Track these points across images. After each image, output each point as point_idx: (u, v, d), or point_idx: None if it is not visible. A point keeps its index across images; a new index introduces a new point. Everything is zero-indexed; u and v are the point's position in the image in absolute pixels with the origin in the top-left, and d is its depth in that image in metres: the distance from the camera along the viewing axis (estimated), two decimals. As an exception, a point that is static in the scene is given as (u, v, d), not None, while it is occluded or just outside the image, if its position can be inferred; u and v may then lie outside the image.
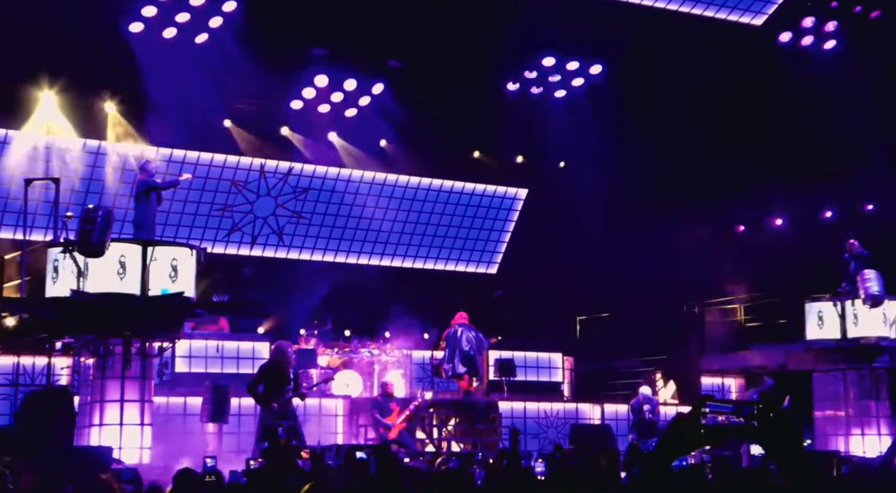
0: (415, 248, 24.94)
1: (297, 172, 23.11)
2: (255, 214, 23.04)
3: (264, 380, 15.10)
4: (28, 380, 16.92)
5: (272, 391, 14.98)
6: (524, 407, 19.83)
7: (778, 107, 21.45)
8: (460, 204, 24.98)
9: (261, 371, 15.41)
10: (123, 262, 14.52)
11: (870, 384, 19.32)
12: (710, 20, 22.25)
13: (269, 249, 23.53)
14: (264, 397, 14.96)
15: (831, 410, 19.53)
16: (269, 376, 15.12)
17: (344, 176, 23.63)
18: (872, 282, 18.40)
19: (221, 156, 22.16)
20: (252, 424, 16.17)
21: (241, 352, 18.56)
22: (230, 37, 19.77)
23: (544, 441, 19.26)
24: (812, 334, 19.52)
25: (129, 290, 14.54)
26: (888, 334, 19.06)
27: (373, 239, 24.37)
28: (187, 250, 15.19)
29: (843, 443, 18.87)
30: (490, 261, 25.77)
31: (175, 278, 14.76)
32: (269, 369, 15.26)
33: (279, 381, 15.06)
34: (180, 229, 21.96)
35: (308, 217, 23.62)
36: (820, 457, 15.28)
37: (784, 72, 21.66)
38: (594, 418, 20.21)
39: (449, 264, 25.38)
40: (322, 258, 23.88)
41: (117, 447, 14.17)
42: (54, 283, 14.53)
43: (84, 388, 15.31)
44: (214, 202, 22.50)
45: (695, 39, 21.45)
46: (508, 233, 25.61)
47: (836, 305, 19.21)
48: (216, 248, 21.80)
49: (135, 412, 14.86)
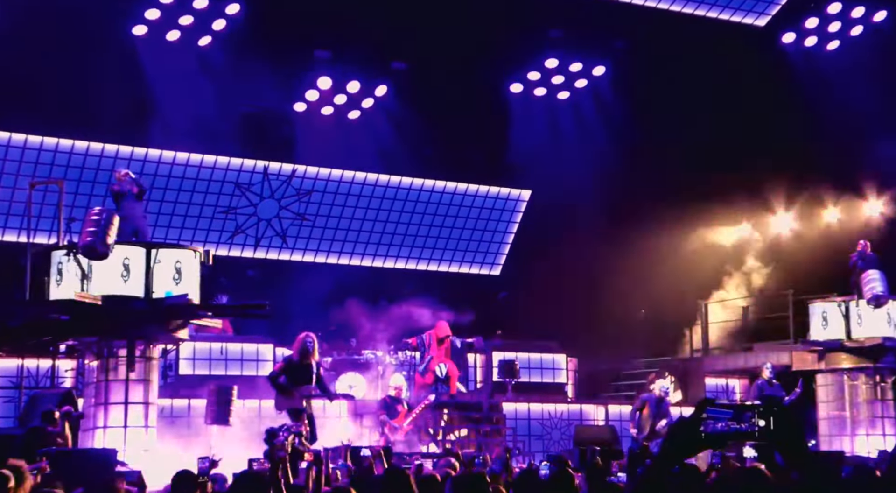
0: (418, 249, 24.95)
1: (300, 174, 23.13)
2: (258, 216, 23.06)
3: (286, 372, 14.88)
4: (32, 382, 16.94)
5: (293, 385, 14.80)
6: (528, 408, 19.83)
7: (781, 106, 21.44)
8: (463, 205, 24.98)
9: (283, 363, 15.20)
10: (127, 264, 14.54)
11: (874, 385, 19.31)
12: (713, 21, 22.26)
13: (273, 251, 23.56)
14: (286, 388, 14.75)
15: (835, 410, 19.52)
16: (291, 368, 14.91)
17: (347, 178, 23.65)
18: (876, 282, 18.39)
19: (225, 158, 22.19)
20: (256, 426, 16.15)
21: (244, 354, 18.58)
22: (233, 39, 19.80)
23: (548, 443, 19.27)
24: (816, 335, 19.51)
25: (132, 292, 14.56)
26: (892, 334, 19.04)
27: (376, 241, 24.39)
28: (191, 253, 15.20)
29: (848, 443, 18.85)
30: (493, 262, 25.77)
31: (179, 281, 14.77)
32: (290, 362, 15.04)
33: (301, 375, 14.87)
34: (184, 232, 21.99)
35: (312, 219, 23.65)
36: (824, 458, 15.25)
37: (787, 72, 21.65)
38: (598, 419, 20.20)
39: (452, 266, 25.39)
40: (326, 260, 23.90)
41: (121, 449, 14.19)
42: (58, 285, 14.55)
43: (88, 390, 15.32)
44: (218, 205, 22.52)
45: (698, 41, 21.46)
46: (511, 234, 25.61)
47: (841, 305, 19.20)
48: (220, 250, 21.81)
49: (139, 414, 14.87)
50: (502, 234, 25.58)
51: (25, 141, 20.33)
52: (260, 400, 17.08)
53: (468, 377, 21.42)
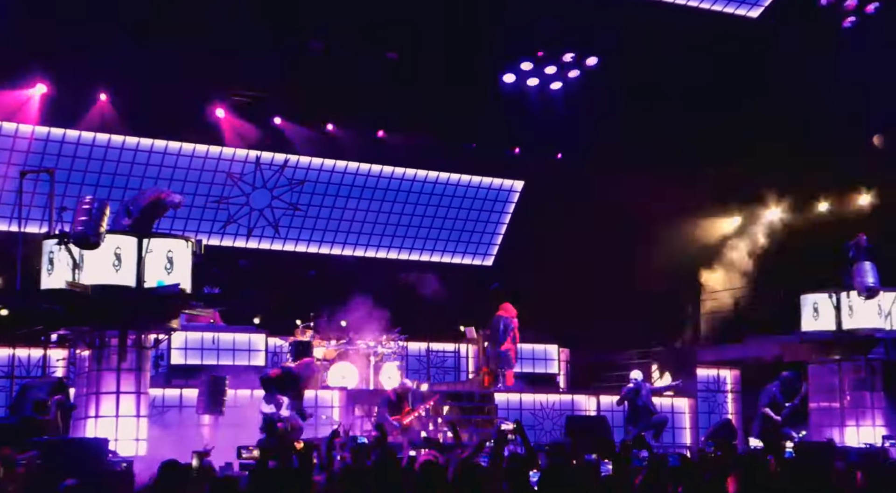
0: (410, 240, 24.94)
1: (292, 164, 23.09)
2: (250, 206, 23.02)
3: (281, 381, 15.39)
4: (24, 372, 16.93)
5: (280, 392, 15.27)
6: (520, 398, 19.86)
7: (774, 98, 21.44)
8: (456, 196, 24.96)
9: (283, 372, 15.62)
10: (119, 254, 14.50)
11: (865, 376, 19.36)
12: (705, 12, 22.24)
13: (266, 241, 23.53)
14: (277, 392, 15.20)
15: (826, 401, 19.56)
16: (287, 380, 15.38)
17: (340, 168, 23.61)
18: (867, 274, 18.44)
19: (217, 148, 22.13)
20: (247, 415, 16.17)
21: (236, 344, 18.58)
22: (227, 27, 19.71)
23: (540, 433, 19.30)
24: (808, 326, 19.54)
25: (124, 282, 14.53)
26: (883, 325, 19.10)
27: (368, 231, 24.37)
28: (183, 242, 15.17)
29: (839, 434, 18.90)
30: (486, 253, 25.78)
31: (171, 270, 14.75)
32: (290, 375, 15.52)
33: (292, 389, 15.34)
34: (175, 222, 21.90)
35: (304, 209, 23.61)
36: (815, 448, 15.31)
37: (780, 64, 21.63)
38: (590, 409, 20.23)
39: (445, 256, 25.38)
40: (318, 250, 23.87)
41: (113, 438, 14.18)
42: (49, 275, 14.51)
43: (80, 380, 15.30)
44: (210, 195, 22.48)
45: (690, 31, 21.44)
46: (504, 225, 25.61)
47: (832, 296, 19.24)
48: (212, 240, 21.78)
49: (130, 403, 14.85)
50: (495, 224, 25.57)
51: (16, 130, 20.27)
52: (252, 390, 17.10)
53: (460, 368, 21.47)
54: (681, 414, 21.03)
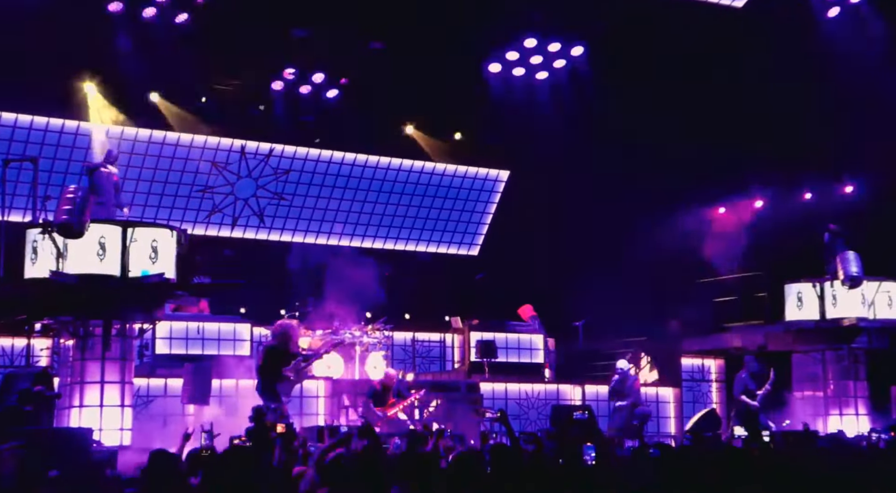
0: (396, 229, 24.92)
1: (277, 153, 23.03)
2: (235, 195, 22.96)
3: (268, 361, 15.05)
4: (7, 361, 16.86)
5: (276, 372, 14.95)
6: (505, 388, 19.89)
7: (758, 88, 21.46)
8: (442, 185, 24.95)
9: (265, 353, 15.33)
10: (103, 243, 14.46)
11: (848, 365, 19.48)
12: (691, 2, 22.23)
13: (251, 230, 23.47)
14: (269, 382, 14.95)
15: (810, 390, 19.67)
16: (272, 356, 15.06)
17: (325, 157, 23.57)
18: (851, 263, 18.51)
19: (201, 137, 22.05)
20: (233, 404, 16.14)
21: (221, 334, 18.53)
22: (211, 16, 19.62)
23: (525, 422, 19.34)
24: (791, 315, 19.64)
25: (108, 271, 14.48)
26: (867, 314, 19.19)
27: (354, 221, 24.34)
28: (168, 231, 15.12)
29: (822, 423, 19.00)
30: (471, 243, 25.78)
31: (155, 260, 14.71)
32: (271, 351, 15.20)
33: (282, 362, 15.03)
34: (160, 211, 21.87)
35: (289, 199, 23.56)
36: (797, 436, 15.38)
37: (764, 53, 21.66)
38: (575, 399, 20.28)
39: (430, 246, 25.37)
40: (303, 240, 23.82)
41: (97, 428, 14.15)
42: (33, 264, 14.45)
43: (64, 369, 15.26)
44: (195, 184, 22.41)
45: (676, 21, 21.44)
46: (490, 215, 25.61)
47: (816, 286, 19.33)
48: (196, 229, 21.71)
49: (115, 393, 14.82)
50: (480, 214, 25.58)
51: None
52: (238, 380, 17.07)
53: (446, 357, 21.48)
54: (665, 404, 21.11)
